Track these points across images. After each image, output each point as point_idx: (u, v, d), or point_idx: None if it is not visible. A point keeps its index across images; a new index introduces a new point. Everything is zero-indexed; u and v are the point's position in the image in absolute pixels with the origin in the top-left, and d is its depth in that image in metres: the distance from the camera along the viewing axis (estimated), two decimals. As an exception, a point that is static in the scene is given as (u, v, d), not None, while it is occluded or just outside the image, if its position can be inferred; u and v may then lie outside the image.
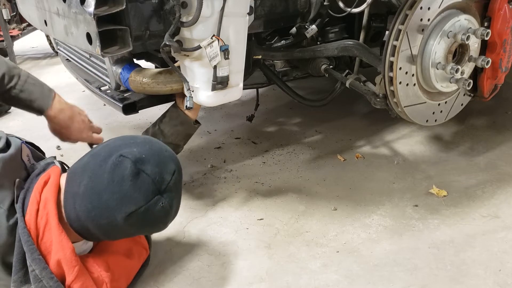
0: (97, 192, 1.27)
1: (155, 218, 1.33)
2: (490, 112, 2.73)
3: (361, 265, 1.62)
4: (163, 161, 1.33)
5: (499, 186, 2.03)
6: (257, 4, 1.80)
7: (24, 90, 1.55)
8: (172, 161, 1.37)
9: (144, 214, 1.28)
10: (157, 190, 1.29)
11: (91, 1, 1.41)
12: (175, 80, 1.77)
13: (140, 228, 1.37)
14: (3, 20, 3.84)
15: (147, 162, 1.29)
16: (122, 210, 1.26)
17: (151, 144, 1.37)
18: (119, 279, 1.46)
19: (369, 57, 1.93)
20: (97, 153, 1.35)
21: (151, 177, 1.27)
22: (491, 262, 1.60)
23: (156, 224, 1.37)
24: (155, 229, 1.46)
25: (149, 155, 1.31)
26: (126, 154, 1.28)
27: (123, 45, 1.50)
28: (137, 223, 1.30)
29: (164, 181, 1.31)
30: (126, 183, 1.25)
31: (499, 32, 1.88)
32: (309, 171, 2.23)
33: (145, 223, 1.33)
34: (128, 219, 1.27)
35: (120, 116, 2.52)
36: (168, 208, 1.33)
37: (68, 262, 1.28)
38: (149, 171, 1.28)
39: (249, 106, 2.78)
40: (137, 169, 1.26)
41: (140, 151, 1.30)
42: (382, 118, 2.59)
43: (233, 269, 1.63)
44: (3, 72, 1.50)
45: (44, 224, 1.28)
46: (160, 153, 1.35)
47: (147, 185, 1.27)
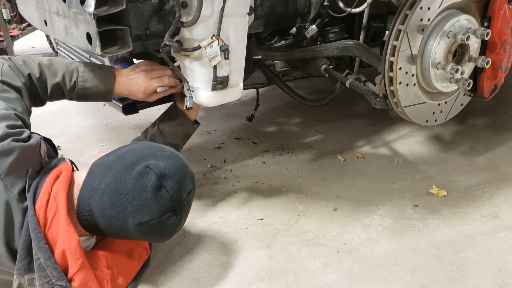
0: (118, 193, 1.30)
1: (163, 232, 1.38)
2: (490, 112, 2.73)
3: (361, 265, 1.62)
4: (183, 179, 1.37)
5: (499, 186, 2.03)
6: (257, 4, 1.80)
7: (87, 79, 1.63)
8: (190, 180, 1.42)
9: (155, 226, 1.33)
10: (172, 207, 1.33)
11: (91, 1, 1.40)
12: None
13: (147, 236, 1.42)
14: (3, 20, 3.84)
15: (170, 178, 1.33)
16: (136, 218, 1.30)
17: (175, 160, 1.41)
18: (119, 278, 1.46)
19: (369, 57, 1.93)
20: (124, 155, 1.38)
21: (170, 194, 1.32)
22: (491, 262, 1.60)
23: (162, 236, 1.42)
24: (159, 240, 1.53)
25: (172, 171, 1.35)
26: (152, 166, 1.33)
27: (123, 45, 1.50)
28: (146, 232, 1.35)
29: (181, 199, 1.36)
30: (147, 194, 1.30)
31: (499, 32, 1.88)
32: (309, 171, 2.23)
33: (153, 234, 1.37)
34: (139, 226, 1.31)
35: (120, 116, 2.52)
36: (177, 225, 1.38)
37: (73, 253, 1.29)
38: (169, 187, 1.32)
39: (249, 106, 2.78)
40: (160, 183, 1.31)
41: (165, 166, 1.34)
42: (382, 118, 2.59)
43: (233, 269, 1.63)
44: (62, 72, 1.60)
45: (53, 214, 1.30)
46: (182, 170, 1.39)
47: (166, 201, 1.32)
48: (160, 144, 1.53)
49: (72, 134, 2.77)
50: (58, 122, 2.91)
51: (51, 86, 1.61)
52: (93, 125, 2.89)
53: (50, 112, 3.06)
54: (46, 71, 1.60)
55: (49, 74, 1.60)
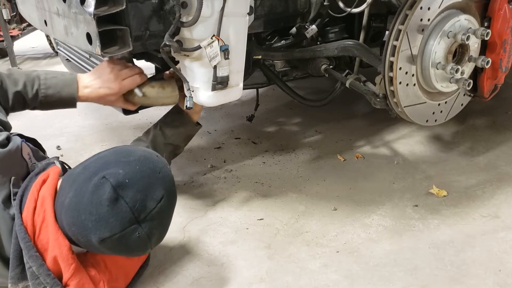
0: (77, 209, 1.24)
1: (130, 247, 1.29)
2: (490, 112, 2.73)
3: (361, 265, 1.62)
4: (150, 186, 1.26)
5: (499, 186, 2.03)
6: (257, 4, 1.80)
7: (49, 86, 1.59)
8: (162, 185, 1.29)
9: (118, 242, 1.25)
10: (135, 219, 1.24)
11: (91, 1, 1.40)
12: (166, 96, 1.78)
13: (116, 252, 1.33)
14: (3, 20, 3.84)
15: (130, 187, 1.23)
16: (97, 234, 1.23)
17: (143, 164, 1.29)
18: (117, 279, 1.46)
19: (369, 57, 1.93)
20: (88, 166, 1.31)
21: (130, 205, 1.22)
22: (491, 262, 1.60)
23: (132, 252, 1.34)
24: (132, 255, 1.43)
25: (134, 178, 1.24)
26: (108, 176, 1.23)
27: (123, 45, 1.50)
28: (112, 248, 1.28)
29: (146, 209, 1.25)
30: (103, 208, 1.21)
31: (499, 32, 1.88)
32: (309, 171, 2.23)
33: (120, 250, 1.30)
34: (102, 243, 1.25)
35: (120, 116, 2.52)
36: (146, 238, 1.28)
37: (65, 259, 1.28)
38: (128, 198, 1.22)
39: (249, 106, 2.78)
40: (116, 194, 1.22)
41: (125, 174, 1.24)
42: (382, 118, 2.59)
43: (233, 269, 1.63)
44: (23, 80, 1.56)
45: (41, 221, 1.28)
46: (150, 175, 1.28)
47: (124, 213, 1.22)
48: (133, 148, 1.43)
49: (72, 134, 2.77)
50: (58, 122, 2.91)
51: (12, 95, 1.58)
52: (93, 125, 2.89)
53: (50, 112, 3.05)
54: (6, 80, 1.56)
55: (10, 83, 1.57)
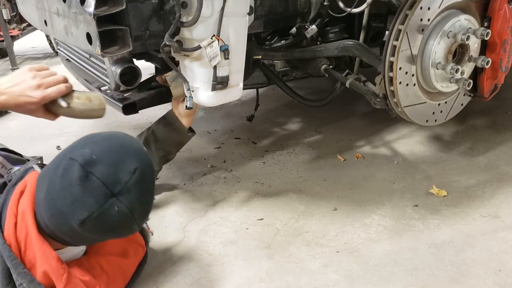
0: (52, 198, 1.21)
1: (112, 224, 1.22)
2: (490, 112, 2.73)
3: (361, 265, 1.62)
4: (120, 160, 1.22)
5: (499, 186, 2.03)
6: (257, 4, 1.80)
7: None
8: (134, 158, 1.24)
9: (99, 220, 1.19)
10: (110, 193, 1.18)
11: (91, 1, 1.40)
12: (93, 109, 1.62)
13: (101, 234, 1.28)
14: (3, 20, 3.84)
15: (98, 162, 1.19)
16: (75, 217, 1.18)
17: (110, 141, 1.26)
18: (116, 280, 1.46)
19: (369, 57, 1.93)
20: (57, 156, 1.28)
21: (102, 180, 1.17)
22: (491, 262, 1.60)
23: (117, 229, 1.27)
24: (119, 234, 1.34)
25: (102, 154, 1.21)
26: (75, 156, 1.20)
27: (123, 45, 1.50)
28: (94, 229, 1.22)
29: (120, 181, 1.19)
30: (75, 188, 1.17)
31: (499, 32, 1.88)
32: (309, 171, 2.23)
33: (104, 229, 1.24)
34: (83, 225, 1.19)
35: (120, 116, 2.51)
36: (127, 212, 1.21)
37: (55, 272, 1.26)
38: (99, 173, 1.18)
39: (249, 106, 2.78)
40: (86, 171, 1.17)
41: (92, 151, 1.20)
42: (382, 118, 2.59)
43: (233, 269, 1.63)
44: None
45: (24, 237, 1.25)
46: (119, 150, 1.24)
47: (97, 189, 1.17)
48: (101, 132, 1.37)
49: (72, 134, 2.76)
50: (58, 122, 2.89)
51: None
52: (93, 125, 2.88)
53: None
54: None
55: None
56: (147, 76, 2.15)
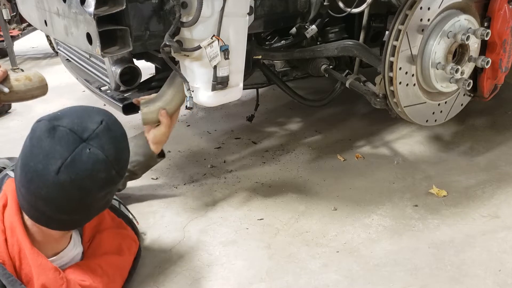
0: (25, 164, 1.21)
1: (88, 168, 1.20)
2: (490, 112, 2.73)
3: (361, 265, 1.62)
4: (85, 114, 1.26)
5: (499, 186, 2.04)
6: (257, 4, 1.80)
7: None
8: (99, 114, 1.28)
9: (73, 166, 1.18)
10: (79, 138, 1.20)
11: (91, 1, 1.41)
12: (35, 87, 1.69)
13: (83, 186, 1.22)
14: (3, 20, 3.83)
15: (64, 117, 1.24)
16: (50, 169, 1.18)
17: (74, 106, 1.34)
18: (115, 279, 1.46)
19: (369, 57, 1.93)
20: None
21: (68, 127, 1.21)
22: (491, 262, 1.60)
23: (95, 174, 1.22)
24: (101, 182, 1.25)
25: (67, 112, 1.27)
26: (41, 118, 1.25)
27: (123, 45, 1.50)
28: (73, 179, 1.19)
29: (87, 129, 1.22)
30: (44, 141, 1.19)
31: (499, 32, 1.88)
32: (309, 171, 2.23)
33: (82, 176, 1.20)
34: (60, 176, 1.17)
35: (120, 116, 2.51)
36: (99, 153, 1.21)
37: (53, 283, 1.25)
38: (65, 123, 1.22)
39: (249, 106, 2.78)
40: (52, 124, 1.21)
41: (56, 112, 1.26)
42: (382, 118, 2.59)
43: (233, 269, 1.63)
44: None
45: (17, 252, 1.24)
46: (83, 109, 1.30)
47: (67, 136, 1.20)
48: None
49: (72, 134, 2.76)
50: (58, 122, 2.90)
51: None
52: (93, 125, 2.88)
53: (50, 112, 3.05)
54: None
55: None
56: (147, 76, 2.16)
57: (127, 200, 2.03)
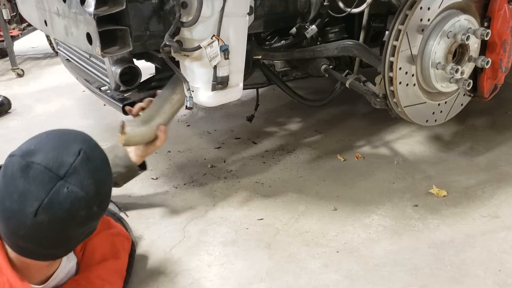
0: (1, 202, 1.14)
1: (68, 208, 1.13)
2: (490, 112, 2.73)
3: (361, 265, 1.62)
4: (61, 144, 1.17)
5: (499, 186, 2.03)
6: (257, 4, 1.80)
7: None
8: (77, 142, 1.19)
9: (50, 207, 1.11)
10: (56, 176, 1.12)
11: (91, 1, 1.41)
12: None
13: (62, 223, 1.15)
14: (3, 20, 3.83)
15: (38, 151, 1.14)
16: (26, 211, 1.11)
17: (48, 133, 1.21)
18: (116, 283, 1.46)
19: (369, 57, 1.93)
20: None
21: (43, 164, 1.12)
22: (491, 262, 1.60)
23: (75, 213, 1.15)
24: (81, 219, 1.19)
25: (40, 143, 1.16)
26: (13, 153, 1.16)
27: (123, 45, 1.50)
28: (52, 220, 1.12)
29: (64, 163, 1.13)
30: (18, 181, 1.11)
31: (499, 32, 1.88)
32: (309, 171, 2.23)
33: (61, 216, 1.13)
34: (37, 218, 1.11)
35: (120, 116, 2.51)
36: (78, 191, 1.13)
37: None
38: (39, 159, 1.12)
39: (249, 106, 2.78)
40: (25, 161, 1.12)
41: (30, 144, 1.16)
42: (382, 118, 2.59)
43: (233, 269, 1.63)
44: None
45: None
46: (59, 138, 1.19)
47: (41, 174, 1.11)
48: None
49: (72, 134, 2.76)
50: (58, 122, 2.91)
51: None
52: (93, 125, 2.88)
53: (50, 112, 3.06)
54: None
55: None
56: (147, 76, 2.16)
57: (127, 200, 2.03)
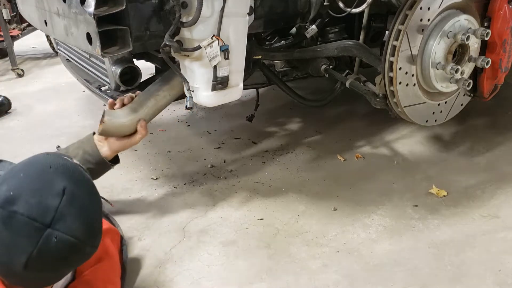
0: None
1: (59, 256, 1.09)
2: (490, 112, 2.73)
3: (361, 265, 1.62)
4: (42, 185, 1.09)
5: (499, 186, 2.03)
6: (257, 4, 1.80)
7: None
8: (60, 177, 1.11)
9: (40, 259, 1.07)
10: (42, 225, 1.06)
11: (91, 1, 1.41)
12: None
13: (54, 270, 1.14)
14: (3, 20, 3.83)
15: (18, 198, 1.06)
16: (15, 263, 1.06)
17: (28, 169, 1.13)
18: (116, 282, 1.46)
19: (369, 57, 1.93)
20: None
21: (26, 214, 1.05)
22: (491, 262, 1.60)
23: (68, 259, 1.13)
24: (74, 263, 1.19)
25: (20, 186, 1.08)
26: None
27: (123, 45, 1.50)
28: (43, 268, 1.10)
29: (48, 209, 1.07)
30: (3, 233, 1.05)
31: (499, 32, 1.88)
32: (309, 171, 2.23)
33: (54, 265, 1.11)
34: (29, 270, 1.07)
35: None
36: (70, 238, 1.08)
37: None
38: (22, 208, 1.05)
39: (249, 106, 2.78)
40: (7, 212, 1.05)
41: (8, 188, 1.08)
42: (382, 118, 2.59)
43: (233, 269, 1.63)
44: None
45: None
46: (38, 175, 1.11)
47: (26, 226, 1.05)
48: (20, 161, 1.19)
49: (72, 134, 2.76)
50: (58, 122, 2.91)
51: None
52: (93, 125, 2.88)
53: (50, 112, 3.06)
54: None
55: None
56: (147, 76, 2.16)
57: (127, 200, 2.03)
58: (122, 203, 2.00)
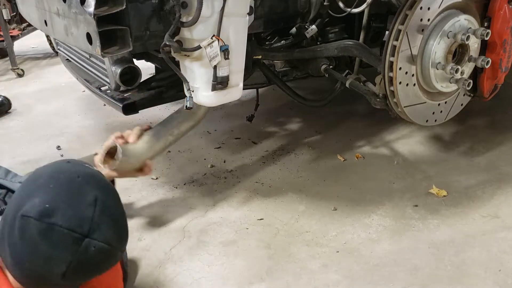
0: (21, 263, 1.10)
1: (95, 263, 1.14)
2: (490, 112, 2.73)
3: (361, 265, 1.62)
4: (76, 196, 1.12)
5: (499, 186, 2.03)
6: (257, 4, 1.80)
7: None
8: (89, 186, 1.15)
9: (80, 266, 1.10)
10: (81, 236, 1.09)
11: (91, 1, 1.41)
12: None
13: (89, 276, 1.18)
14: (3, 20, 3.83)
15: (55, 210, 1.08)
16: (54, 274, 1.09)
17: (56, 180, 1.14)
18: (120, 284, 1.46)
19: (369, 57, 1.93)
20: (6, 214, 1.15)
21: (65, 226, 1.07)
22: (491, 262, 1.60)
23: (102, 265, 1.18)
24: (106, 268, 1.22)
25: (54, 198, 1.10)
26: (27, 212, 1.08)
27: (123, 45, 1.50)
28: (80, 276, 1.15)
29: (85, 220, 1.10)
30: (41, 245, 1.07)
31: (499, 32, 1.88)
32: (309, 171, 2.23)
33: (90, 271, 1.16)
34: (66, 278, 1.10)
35: (120, 116, 2.52)
36: (105, 246, 1.12)
37: None
38: (60, 220, 1.07)
39: (249, 106, 2.78)
40: (45, 224, 1.07)
41: (42, 200, 1.09)
42: (382, 118, 2.59)
43: (233, 269, 1.63)
44: None
45: None
46: (69, 186, 1.13)
47: (65, 237, 1.07)
48: (40, 169, 1.21)
49: (72, 134, 2.76)
50: (58, 122, 2.91)
51: None
52: (93, 125, 2.89)
53: (50, 112, 3.06)
54: None
55: None
56: (147, 76, 2.16)
57: (127, 200, 2.03)
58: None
